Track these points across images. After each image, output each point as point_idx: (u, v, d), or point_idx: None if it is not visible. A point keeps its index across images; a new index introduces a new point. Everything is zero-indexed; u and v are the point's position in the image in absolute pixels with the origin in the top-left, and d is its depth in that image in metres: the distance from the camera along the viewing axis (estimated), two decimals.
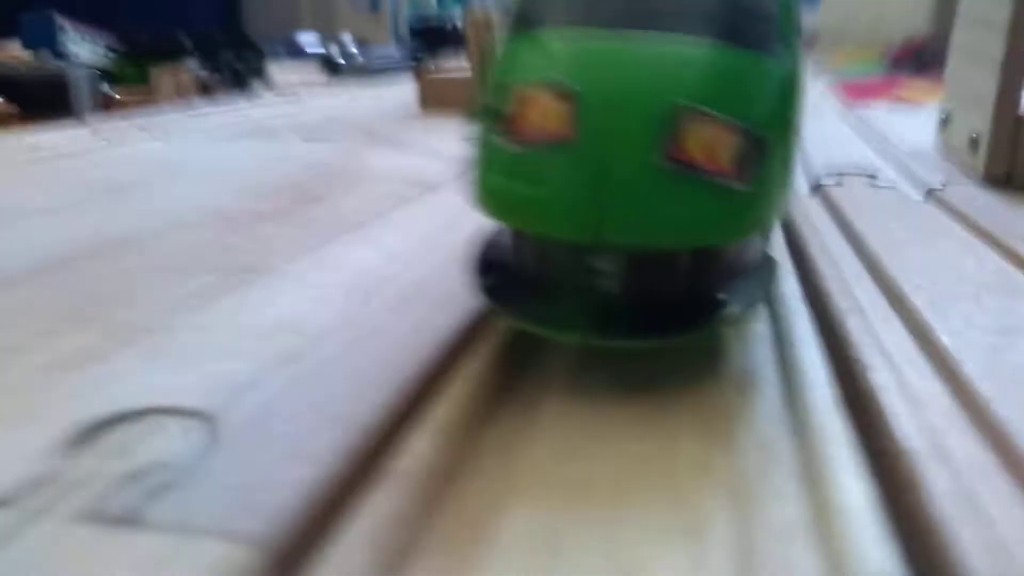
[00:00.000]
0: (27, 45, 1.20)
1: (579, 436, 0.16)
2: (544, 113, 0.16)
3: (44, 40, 1.16)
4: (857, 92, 0.77)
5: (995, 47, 0.33)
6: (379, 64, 1.11)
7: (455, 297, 0.20)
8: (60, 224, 0.31)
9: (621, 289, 0.16)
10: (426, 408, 0.16)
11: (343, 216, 0.31)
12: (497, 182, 0.17)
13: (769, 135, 0.16)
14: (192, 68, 1.00)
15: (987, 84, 0.34)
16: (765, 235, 0.21)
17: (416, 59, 1.27)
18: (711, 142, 0.15)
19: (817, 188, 0.34)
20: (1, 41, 1.30)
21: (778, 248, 0.25)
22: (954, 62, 0.41)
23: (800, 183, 0.36)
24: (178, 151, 0.49)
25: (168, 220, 0.31)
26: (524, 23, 0.18)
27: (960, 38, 0.41)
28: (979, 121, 0.35)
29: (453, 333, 0.19)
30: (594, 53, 0.16)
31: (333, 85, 1.05)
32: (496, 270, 0.18)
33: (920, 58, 1.02)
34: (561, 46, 0.17)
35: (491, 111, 0.17)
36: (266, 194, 0.35)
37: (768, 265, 0.19)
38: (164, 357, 0.18)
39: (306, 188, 0.37)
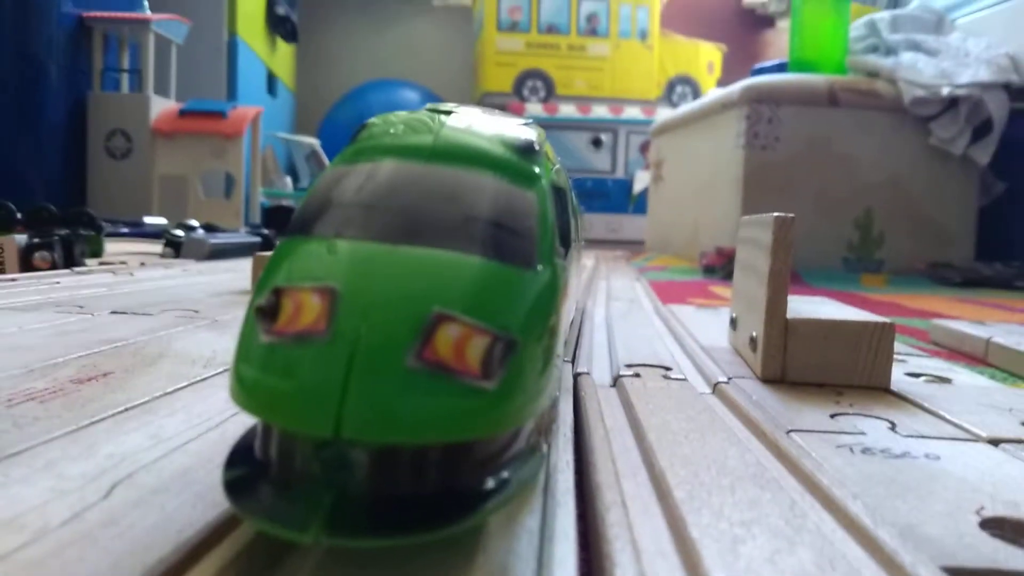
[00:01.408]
0: None
1: None
2: (300, 307, 0.16)
3: None
4: (671, 293, 0.84)
5: (763, 263, 0.38)
6: (222, 244, 1.10)
7: (216, 488, 0.19)
8: None
9: (365, 485, 0.15)
10: None
11: (126, 396, 0.29)
12: (248, 373, 0.16)
13: (521, 338, 0.17)
14: (18, 239, 0.95)
15: (759, 293, 0.38)
16: (545, 428, 0.21)
17: (263, 239, 1.28)
18: (461, 344, 0.16)
19: (616, 380, 0.36)
20: None
21: (564, 440, 0.26)
22: (738, 273, 0.46)
23: (603, 375, 0.38)
24: None
25: None
26: (299, 229, 0.19)
27: (741, 253, 0.46)
28: (756, 324, 0.38)
29: (198, 530, 0.17)
30: (358, 258, 0.17)
31: (171, 263, 1.03)
32: (245, 463, 0.17)
33: (728, 265, 1.14)
34: (328, 251, 0.18)
35: (257, 308, 0.17)
36: (45, 371, 0.33)
37: (533, 458, 0.19)
38: None
39: (95, 365, 0.34)
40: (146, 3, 2.01)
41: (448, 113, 0.23)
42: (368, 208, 0.19)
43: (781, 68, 1.59)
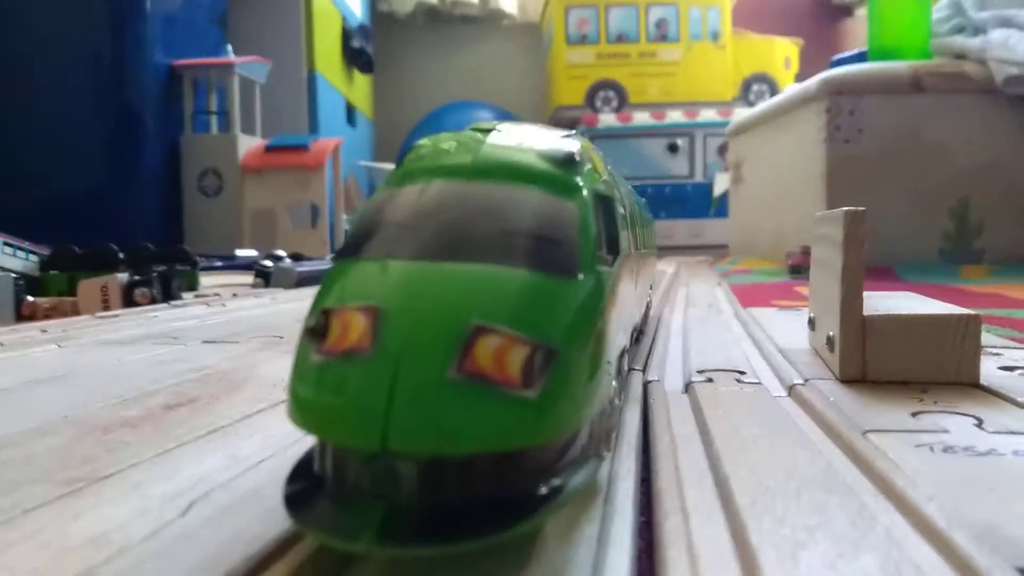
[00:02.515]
0: None
1: None
2: (347, 326, 0.17)
3: None
4: (754, 296, 0.81)
5: (836, 260, 0.36)
6: (308, 271, 1.14)
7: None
8: None
9: (415, 496, 0.16)
10: None
11: (209, 420, 0.31)
12: (302, 392, 0.17)
13: (562, 346, 0.17)
14: (120, 278, 1.01)
15: (834, 291, 0.37)
16: (604, 436, 0.21)
17: None
18: (500, 354, 0.16)
19: (687, 387, 0.36)
20: None
21: (628, 448, 0.26)
22: (814, 272, 0.45)
23: (675, 382, 0.37)
24: (71, 357, 0.48)
25: (27, 427, 0.30)
26: (350, 251, 0.20)
27: (815, 251, 0.44)
28: (833, 324, 0.37)
29: (266, 543, 0.18)
30: (402, 277, 0.18)
31: (261, 292, 1.08)
32: (304, 479, 0.18)
33: None
34: (377, 271, 0.19)
35: (308, 329, 0.18)
36: (139, 399, 0.35)
37: (588, 465, 0.19)
38: None
39: (183, 392, 0.36)
40: (230, 47, 2.12)
41: (490, 131, 0.24)
42: (413, 228, 0.19)
43: (861, 58, 1.53)
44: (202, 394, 0.36)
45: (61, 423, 0.31)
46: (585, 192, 0.21)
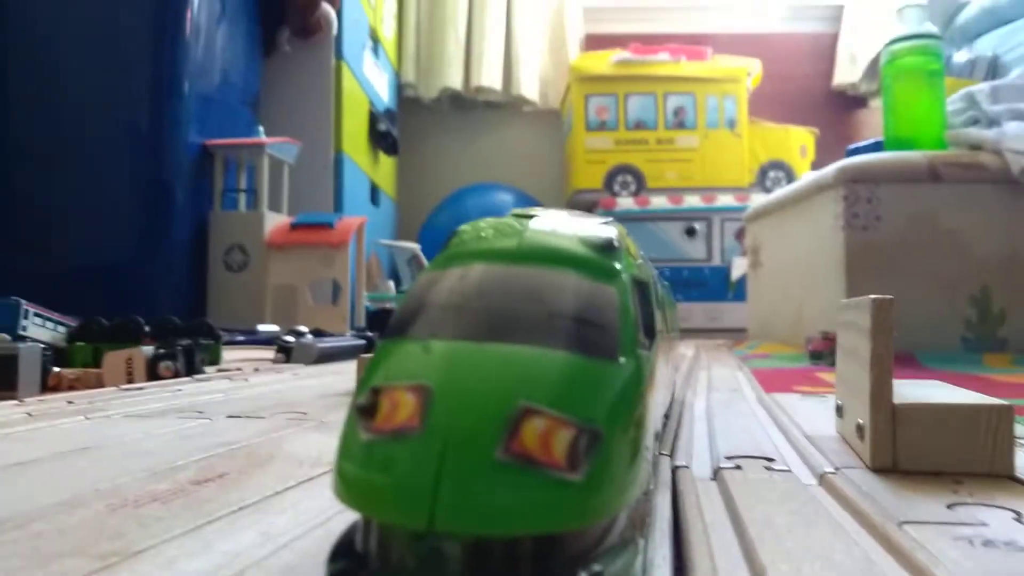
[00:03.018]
0: None
1: None
2: (396, 405, 0.17)
3: (5, 323, 1.19)
4: (775, 381, 0.81)
5: (864, 347, 0.36)
6: (330, 347, 1.15)
7: None
8: None
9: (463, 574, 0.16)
10: None
11: (239, 496, 0.31)
12: (350, 470, 0.18)
13: (606, 429, 0.17)
14: (145, 351, 1.02)
15: (863, 378, 0.37)
16: (640, 522, 0.21)
17: (367, 341, 1.32)
18: (546, 436, 0.16)
19: (716, 473, 0.35)
20: None
21: (660, 535, 0.26)
22: (840, 358, 0.45)
23: (703, 468, 0.37)
24: (99, 430, 0.49)
25: (57, 500, 0.30)
26: (396, 332, 0.20)
27: (842, 338, 0.45)
28: (862, 411, 0.37)
29: None
30: (450, 357, 0.18)
31: (282, 367, 1.08)
32: (347, 558, 0.18)
33: (835, 351, 1.09)
34: (423, 351, 0.19)
35: (358, 407, 0.18)
36: (168, 473, 0.35)
37: (627, 551, 0.19)
38: None
39: (212, 466, 0.36)
40: (261, 128, 2.19)
41: (531, 217, 0.25)
42: (458, 309, 0.20)
43: (877, 147, 1.56)
44: (230, 469, 0.36)
45: (92, 496, 0.31)
46: (624, 276, 0.22)
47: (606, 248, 0.22)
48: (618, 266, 0.22)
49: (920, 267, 1.34)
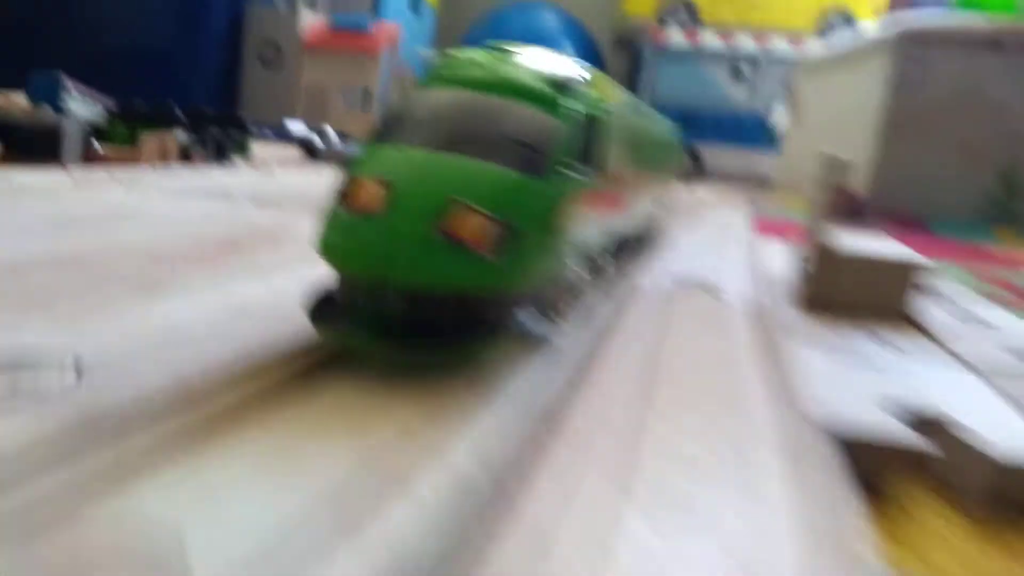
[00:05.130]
0: (31, 98, 1.27)
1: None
2: (369, 194, 0.23)
3: (47, 95, 1.24)
4: (771, 228, 0.85)
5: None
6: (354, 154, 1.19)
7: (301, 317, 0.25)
8: (13, 244, 0.36)
9: (402, 316, 0.22)
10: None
11: (255, 264, 0.37)
12: (331, 237, 0.23)
13: (523, 228, 0.22)
14: (179, 136, 1.08)
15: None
16: (559, 307, 0.27)
17: None
18: (475, 226, 0.22)
19: (666, 295, 0.40)
20: (8, 92, 1.37)
21: (595, 330, 0.31)
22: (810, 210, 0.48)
23: (658, 288, 0.42)
24: (138, 201, 0.55)
25: (105, 250, 0.36)
26: (376, 138, 0.26)
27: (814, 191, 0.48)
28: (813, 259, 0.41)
29: (287, 338, 0.24)
30: (412, 161, 0.24)
31: (307, 167, 1.13)
32: (322, 301, 0.24)
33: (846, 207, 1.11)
34: (394, 154, 0.24)
35: (339, 192, 0.24)
36: (197, 242, 0.41)
37: (540, 322, 0.25)
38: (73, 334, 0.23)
39: (234, 241, 0.42)
40: None
41: (513, 53, 0.28)
42: (427, 124, 0.25)
43: (946, 5, 1.48)
44: (248, 243, 0.42)
45: (132, 249, 0.37)
46: (571, 112, 0.26)
47: (560, 86, 0.26)
48: (566, 102, 0.26)
49: (954, 135, 1.32)
